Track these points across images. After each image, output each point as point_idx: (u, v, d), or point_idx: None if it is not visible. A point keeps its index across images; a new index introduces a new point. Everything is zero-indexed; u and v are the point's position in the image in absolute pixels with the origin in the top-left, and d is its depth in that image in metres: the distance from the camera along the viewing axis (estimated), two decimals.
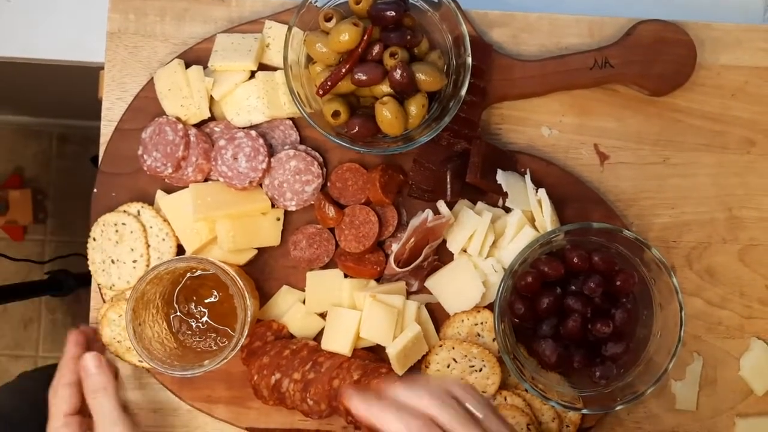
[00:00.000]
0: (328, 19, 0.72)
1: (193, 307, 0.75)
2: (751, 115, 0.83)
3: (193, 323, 0.75)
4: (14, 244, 1.82)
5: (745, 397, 0.81)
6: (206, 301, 0.75)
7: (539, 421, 0.76)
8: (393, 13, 0.70)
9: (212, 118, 0.78)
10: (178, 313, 0.74)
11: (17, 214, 1.78)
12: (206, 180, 0.77)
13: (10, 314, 1.81)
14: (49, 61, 0.85)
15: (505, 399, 0.76)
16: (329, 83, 0.72)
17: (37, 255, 1.82)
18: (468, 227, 0.75)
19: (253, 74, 0.77)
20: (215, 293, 0.75)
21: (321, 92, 0.72)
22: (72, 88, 1.24)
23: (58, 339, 1.82)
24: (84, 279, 1.62)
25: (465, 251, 0.77)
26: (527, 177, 0.77)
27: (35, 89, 1.47)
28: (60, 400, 0.70)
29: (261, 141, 0.76)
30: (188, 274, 0.74)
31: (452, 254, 0.77)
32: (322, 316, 0.77)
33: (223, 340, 0.74)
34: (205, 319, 0.75)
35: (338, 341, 0.75)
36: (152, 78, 0.78)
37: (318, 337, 0.77)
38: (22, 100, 1.66)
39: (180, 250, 0.77)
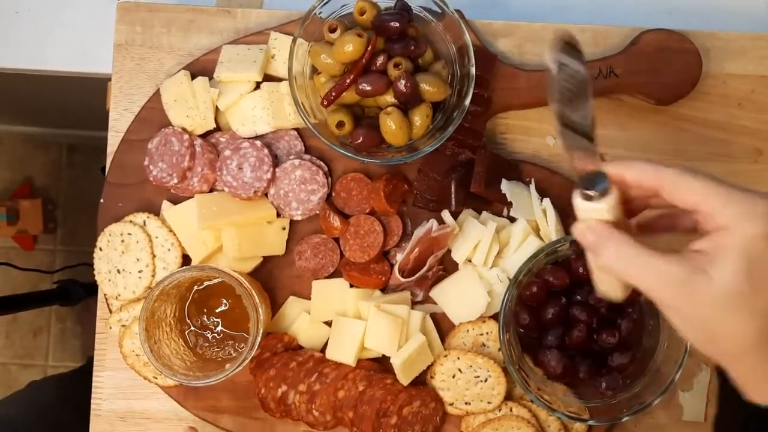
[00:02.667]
0: (332, 30, 0.72)
1: (205, 318, 0.75)
2: (757, 124, 0.82)
3: (209, 335, 0.75)
4: (25, 254, 1.83)
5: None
6: (217, 310, 0.75)
7: None
8: (397, 24, 0.71)
9: (218, 129, 0.79)
10: (192, 328, 0.75)
11: (28, 223, 1.79)
12: (211, 190, 0.78)
13: (19, 323, 1.82)
14: (58, 73, 0.86)
15: (511, 410, 0.75)
16: (334, 94, 0.72)
17: (48, 265, 1.83)
18: (473, 237, 0.75)
19: (258, 85, 0.78)
20: (224, 301, 0.75)
21: (325, 103, 0.73)
22: (81, 98, 1.25)
23: (67, 348, 1.83)
24: (93, 288, 1.63)
25: (470, 261, 0.77)
26: (532, 186, 0.77)
27: (45, 100, 1.48)
28: None
29: (266, 151, 0.76)
30: (195, 288, 0.75)
31: (457, 264, 0.77)
32: (329, 324, 0.77)
33: (242, 346, 0.74)
34: (219, 328, 0.75)
35: (343, 351, 0.75)
36: (159, 89, 0.79)
37: (325, 347, 0.77)
38: (32, 110, 1.67)
39: (185, 260, 0.77)
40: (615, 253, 0.49)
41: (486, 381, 0.75)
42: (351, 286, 0.77)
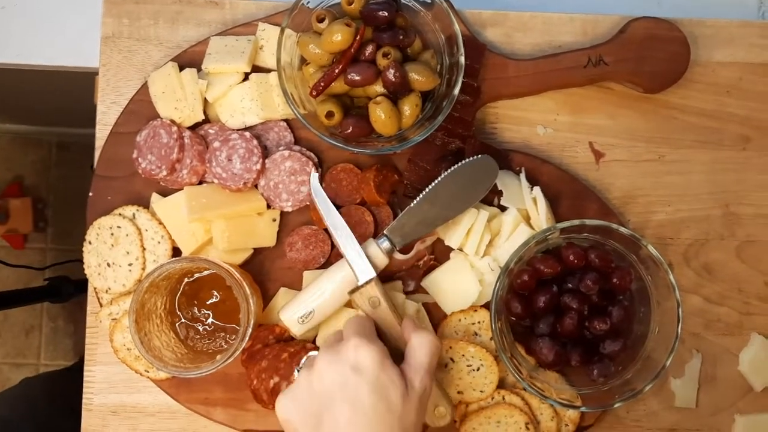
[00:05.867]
0: (320, 20, 0.72)
1: (196, 311, 0.75)
2: (746, 111, 0.83)
3: (200, 327, 0.75)
4: (15, 253, 1.82)
5: (744, 394, 0.80)
6: (208, 302, 0.75)
7: (537, 420, 0.76)
8: (385, 13, 0.70)
9: (206, 121, 0.78)
10: (183, 320, 0.74)
11: (17, 222, 1.78)
12: (201, 182, 0.78)
13: (11, 322, 1.81)
14: (45, 67, 0.85)
15: (504, 398, 0.76)
16: (322, 84, 0.72)
17: (39, 263, 1.81)
18: (465, 222, 0.75)
19: (246, 76, 0.78)
20: (215, 293, 0.75)
21: (314, 93, 0.72)
22: (71, 95, 1.24)
23: (59, 347, 1.82)
24: (84, 285, 1.62)
25: (461, 250, 0.77)
26: (522, 175, 0.77)
27: (34, 97, 1.48)
28: None
29: (255, 142, 0.76)
30: (185, 280, 0.75)
31: (448, 254, 0.77)
32: None
33: (233, 338, 0.74)
34: (210, 320, 0.75)
35: None
36: (146, 81, 0.78)
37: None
38: (22, 108, 1.67)
39: (176, 253, 0.77)
40: None
41: (478, 370, 0.75)
42: None
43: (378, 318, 0.70)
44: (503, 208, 0.77)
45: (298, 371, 0.66)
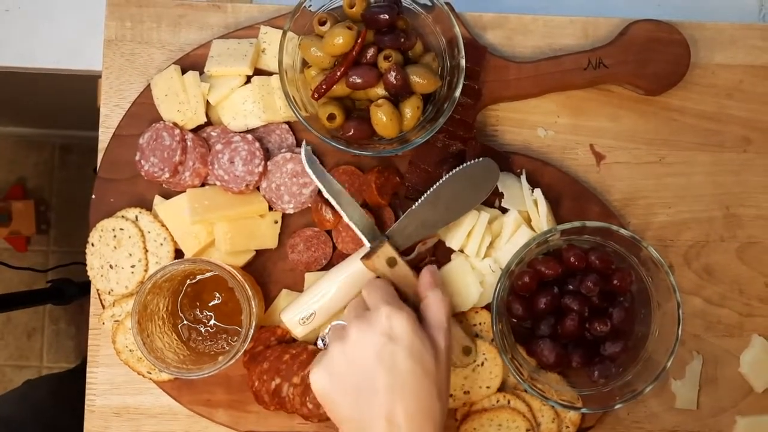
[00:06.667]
0: (322, 23, 0.73)
1: (198, 312, 0.75)
2: (746, 113, 0.83)
3: (202, 328, 0.75)
4: (18, 255, 1.83)
5: (745, 395, 0.80)
6: (210, 304, 0.75)
7: (538, 422, 0.76)
8: (386, 16, 0.71)
9: (209, 123, 0.79)
10: (185, 322, 0.75)
11: (20, 225, 1.79)
12: (203, 185, 0.78)
13: (14, 324, 1.82)
14: (47, 70, 0.86)
15: (509, 402, 0.75)
16: (324, 87, 0.72)
17: (41, 265, 1.82)
18: (466, 224, 0.75)
19: (248, 79, 0.78)
20: (218, 295, 0.75)
21: (316, 96, 0.73)
22: (73, 98, 1.25)
23: (62, 349, 1.83)
24: (86, 288, 1.62)
25: (462, 252, 0.77)
26: (523, 177, 0.78)
27: (37, 99, 1.48)
28: None
29: (257, 145, 0.76)
30: (187, 281, 0.75)
31: (449, 256, 0.77)
32: None
33: (235, 339, 0.74)
34: (212, 322, 0.75)
35: None
36: (149, 84, 0.79)
37: None
38: (25, 111, 1.67)
39: (178, 254, 0.77)
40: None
41: (482, 365, 0.75)
42: None
43: (396, 277, 0.71)
44: (504, 210, 0.77)
45: (322, 342, 0.67)
